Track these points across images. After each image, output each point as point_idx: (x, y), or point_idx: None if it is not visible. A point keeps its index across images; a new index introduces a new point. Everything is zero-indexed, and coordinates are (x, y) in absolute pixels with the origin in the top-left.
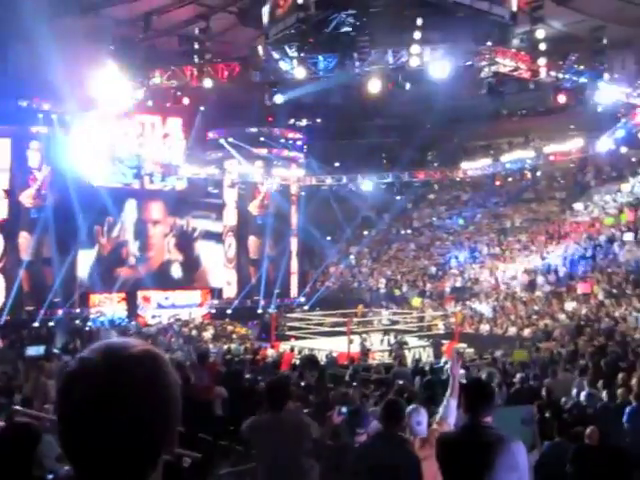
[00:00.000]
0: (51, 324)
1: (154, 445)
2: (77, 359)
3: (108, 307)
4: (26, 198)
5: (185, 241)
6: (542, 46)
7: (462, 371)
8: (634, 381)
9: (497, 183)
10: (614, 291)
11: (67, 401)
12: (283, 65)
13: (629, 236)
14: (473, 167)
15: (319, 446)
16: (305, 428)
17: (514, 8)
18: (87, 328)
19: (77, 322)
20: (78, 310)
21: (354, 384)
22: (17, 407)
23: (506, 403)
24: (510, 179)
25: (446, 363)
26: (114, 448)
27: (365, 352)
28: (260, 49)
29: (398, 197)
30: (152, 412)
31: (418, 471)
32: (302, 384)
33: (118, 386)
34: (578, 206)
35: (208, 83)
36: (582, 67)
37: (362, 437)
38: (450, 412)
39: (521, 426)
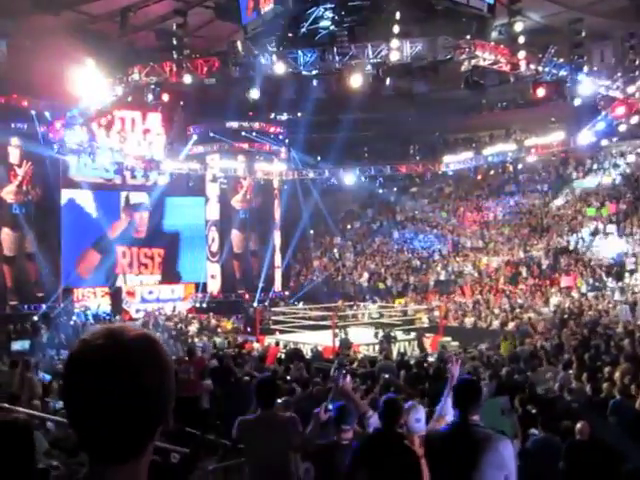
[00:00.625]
0: (35, 319)
1: (154, 412)
2: (81, 341)
3: (92, 301)
4: (7, 194)
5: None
6: (521, 39)
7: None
8: (617, 375)
9: (479, 177)
10: (597, 284)
11: (76, 375)
12: (263, 60)
13: (612, 228)
14: (455, 160)
15: (308, 444)
16: (293, 425)
17: (492, 1)
18: (72, 322)
19: (62, 317)
20: (62, 305)
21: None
22: (5, 404)
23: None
24: (492, 172)
25: (431, 356)
26: (120, 414)
27: (347, 346)
28: (239, 44)
29: (381, 190)
30: (152, 383)
31: (418, 469)
32: (288, 378)
33: (122, 360)
34: (560, 199)
35: (188, 79)
36: (561, 60)
37: (348, 434)
38: (447, 409)
39: (501, 417)
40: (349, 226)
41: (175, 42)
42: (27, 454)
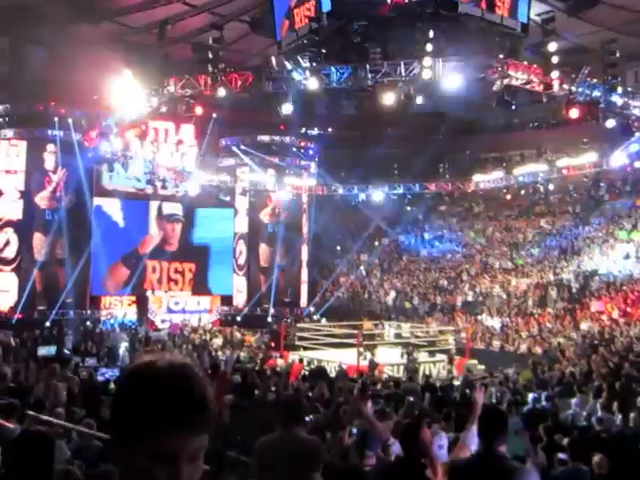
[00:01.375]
0: (62, 325)
1: (203, 420)
2: (142, 363)
3: (119, 310)
4: (41, 200)
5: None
6: (554, 59)
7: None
8: None
9: (508, 196)
10: (628, 309)
11: (139, 388)
12: (296, 75)
13: None
14: (485, 179)
15: (330, 469)
16: (316, 449)
17: (525, 20)
18: (98, 330)
19: (88, 324)
20: (89, 312)
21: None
22: (30, 412)
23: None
24: (522, 192)
25: (456, 379)
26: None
27: (373, 367)
28: (273, 59)
29: (409, 208)
30: (200, 396)
31: None
32: (310, 395)
33: (178, 378)
34: (592, 221)
35: (222, 92)
36: (595, 80)
37: (372, 460)
38: (472, 438)
39: (515, 437)
40: (377, 243)
41: (211, 55)
42: (46, 467)
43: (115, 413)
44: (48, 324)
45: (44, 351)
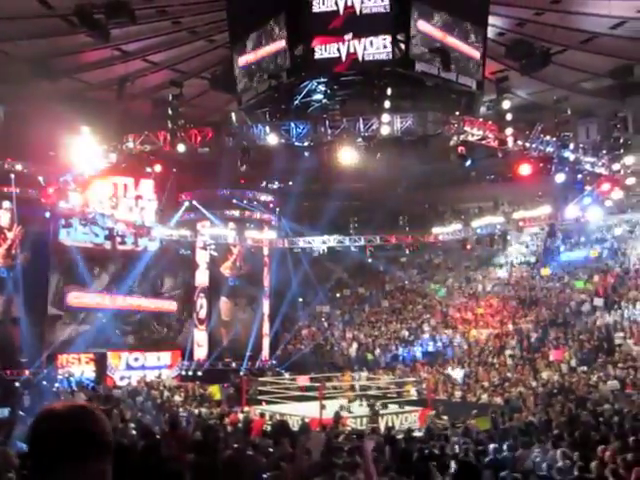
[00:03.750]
0: (17, 385)
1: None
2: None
3: (76, 368)
4: None
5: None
6: (508, 116)
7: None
8: (608, 454)
9: (468, 247)
10: (585, 358)
11: (32, 434)
12: (255, 130)
13: (599, 302)
14: (444, 231)
15: None
16: None
17: (480, 78)
18: (54, 389)
19: (44, 383)
20: (45, 371)
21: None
22: None
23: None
24: (480, 244)
25: (418, 431)
26: (54, 465)
27: (337, 419)
28: (233, 115)
29: (370, 260)
30: (82, 445)
31: None
32: (272, 451)
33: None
34: (547, 271)
35: (181, 148)
36: (548, 137)
37: None
38: None
39: None
40: (338, 295)
41: (170, 112)
42: None
43: (27, 449)
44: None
45: None
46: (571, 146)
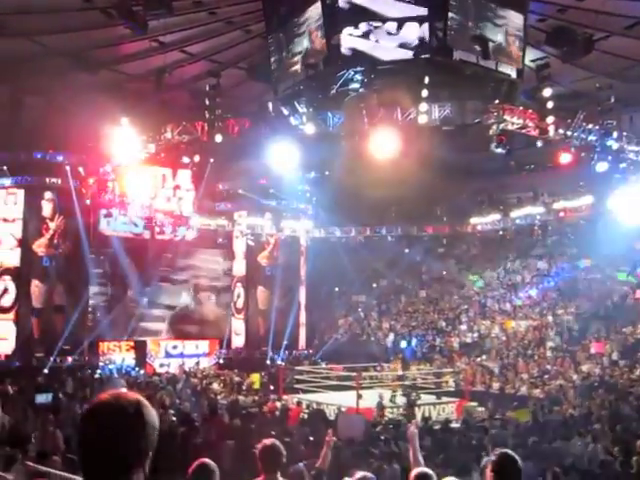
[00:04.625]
0: (60, 371)
1: (128, 458)
2: (91, 403)
3: (117, 355)
4: (39, 247)
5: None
6: (549, 104)
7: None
8: None
9: (507, 237)
10: (627, 351)
11: (84, 423)
12: (293, 120)
13: None
14: (482, 222)
15: None
16: None
17: (520, 66)
18: (96, 376)
19: (86, 370)
20: (87, 358)
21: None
22: (29, 463)
23: None
24: (520, 234)
25: (455, 422)
26: (105, 454)
27: (381, 409)
28: (270, 104)
29: (407, 250)
30: (132, 436)
31: None
32: (311, 439)
33: (115, 418)
34: (589, 262)
35: (218, 138)
36: (590, 125)
37: None
38: None
39: None
40: (374, 285)
41: (207, 102)
42: None
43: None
44: (46, 371)
45: (42, 399)
46: (614, 134)
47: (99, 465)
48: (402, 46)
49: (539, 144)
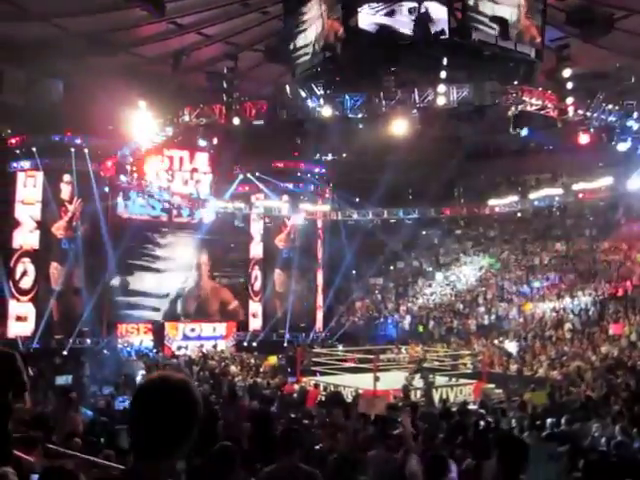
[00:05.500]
0: (80, 353)
1: (178, 436)
2: (145, 380)
3: (135, 337)
4: (57, 229)
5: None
6: (569, 85)
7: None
8: None
9: (525, 219)
10: None
11: (137, 402)
12: (310, 103)
13: None
14: (500, 203)
15: None
16: None
17: (540, 46)
18: (115, 358)
19: (105, 352)
20: (106, 340)
21: None
22: (50, 445)
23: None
24: (538, 216)
25: (473, 404)
26: (154, 425)
27: (407, 392)
28: (287, 87)
29: (424, 232)
30: (180, 410)
31: None
32: (328, 421)
33: (166, 398)
34: (608, 244)
35: (236, 121)
36: (610, 106)
37: None
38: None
39: (549, 462)
40: (392, 267)
41: (225, 85)
42: None
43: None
44: (65, 353)
45: (61, 380)
46: (635, 115)
47: (149, 443)
48: (420, 27)
49: (559, 125)
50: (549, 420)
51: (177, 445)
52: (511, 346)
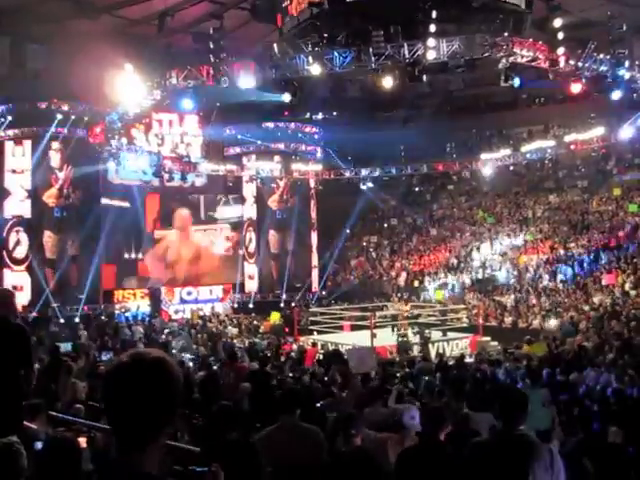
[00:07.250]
0: (77, 320)
1: (156, 416)
2: (115, 360)
3: (132, 303)
4: (49, 198)
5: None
6: (560, 35)
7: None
8: None
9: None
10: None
11: (108, 385)
12: (298, 61)
13: None
14: (492, 157)
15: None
16: (315, 438)
17: None
18: (112, 324)
19: (102, 318)
20: (103, 306)
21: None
22: (52, 413)
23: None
24: (530, 168)
25: (469, 357)
26: (132, 412)
27: (406, 349)
28: (275, 46)
29: (417, 188)
30: (157, 393)
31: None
32: (326, 379)
33: (139, 377)
34: (601, 194)
35: (225, 82)
36: (601, 55)
37: (357, 440)
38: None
39: (542, 408)
40: (386, 225)
41: (212, 45)
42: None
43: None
44: (62, 321)
45: (62, 348)
46: (626, 64)
47: (126, 426)
48: None
49: (550, 76)
50: (545, 370)
51: (158, 429)
52: (506, 299)
